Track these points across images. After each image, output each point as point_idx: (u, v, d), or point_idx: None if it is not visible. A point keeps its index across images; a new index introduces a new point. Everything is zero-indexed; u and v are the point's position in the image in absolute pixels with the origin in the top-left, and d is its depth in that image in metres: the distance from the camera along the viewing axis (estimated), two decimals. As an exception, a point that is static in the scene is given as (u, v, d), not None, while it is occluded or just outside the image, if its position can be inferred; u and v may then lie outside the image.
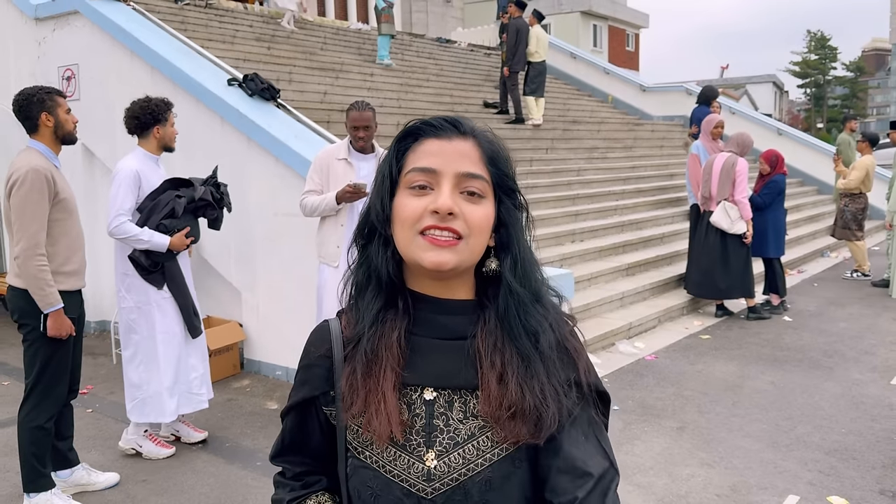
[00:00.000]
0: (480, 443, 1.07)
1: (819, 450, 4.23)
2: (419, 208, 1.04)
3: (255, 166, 5.53)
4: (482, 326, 1.09)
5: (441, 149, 1.07)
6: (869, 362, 5.85)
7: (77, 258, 3.63)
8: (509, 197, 1.11)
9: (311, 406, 1.18)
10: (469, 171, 1.06)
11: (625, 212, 9.43)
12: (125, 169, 4.04)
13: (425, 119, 1.11)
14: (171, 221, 4.08)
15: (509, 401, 1.04)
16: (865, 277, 9.22)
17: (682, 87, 15.61)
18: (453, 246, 1.03)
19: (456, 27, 20.21)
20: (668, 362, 5.89)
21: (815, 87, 62.93)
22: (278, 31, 11.48)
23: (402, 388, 1.09)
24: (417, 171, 1.06)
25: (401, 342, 1.08)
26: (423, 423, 1.08)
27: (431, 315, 1.10)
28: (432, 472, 1.06)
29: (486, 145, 1.10)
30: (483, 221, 1.06)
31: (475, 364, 1.08)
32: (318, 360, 1.16)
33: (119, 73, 6.46)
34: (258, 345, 5.75)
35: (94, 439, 4.51)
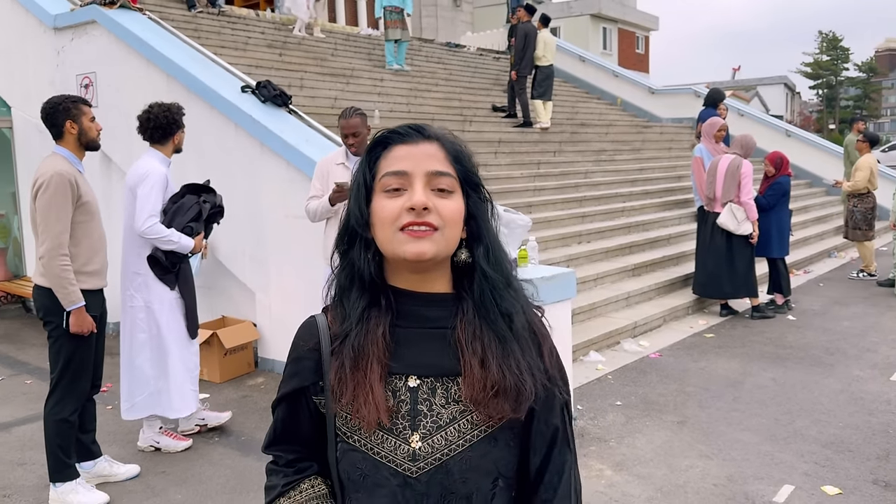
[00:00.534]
0: (461, 426, 1.18)
1: (816, 442, 4.34)
2: (396, 208, 1.14)
3: (268, 170, 5.70)
4: (461, 317, 1.20)
5: (409, 153, 1.18)
6: (870, 359, 5.95)
7: (99, 259, 3.81)
8: (475, 191, 1.22)
9: (301, 396, 1.26)
10: (437, 170, 1.17)
11: (632, 213, 9.54)
12: (157, 172, 4.17)
13: (391, 129, 1.22)
14: (197, 225, 4.28)
15: (492, 381, 1.15)
16: (871, 277, 9.28)
17: (691, 90, 15.67)
18: (430, 236, 1.13)
19: (465, 31, 20.36)
20: (672, 360, 6.01)
21: (828, 89, 62.65)
22: (290, 37, 11.67)
23: (387, 377, 1.18)
24: (391, 175, 1.16)
25: (386, 336, 1.18)
26: (408, 408, 1.18)
27: (413, 308, 1.21)
28: (417, 453, 1.17)
29: (450, 146, 1.21)
30: (455, 213, 1.16)
31: (456, 352, 1.18)
32: (308, 353, 1.25)
33: (136, 80, 6.66)
34: (272, 344, 5.91)
35: (115, 434, 4.68)
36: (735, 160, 7.14)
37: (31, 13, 7.64)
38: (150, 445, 4.43)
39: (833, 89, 62.32)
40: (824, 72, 61.61)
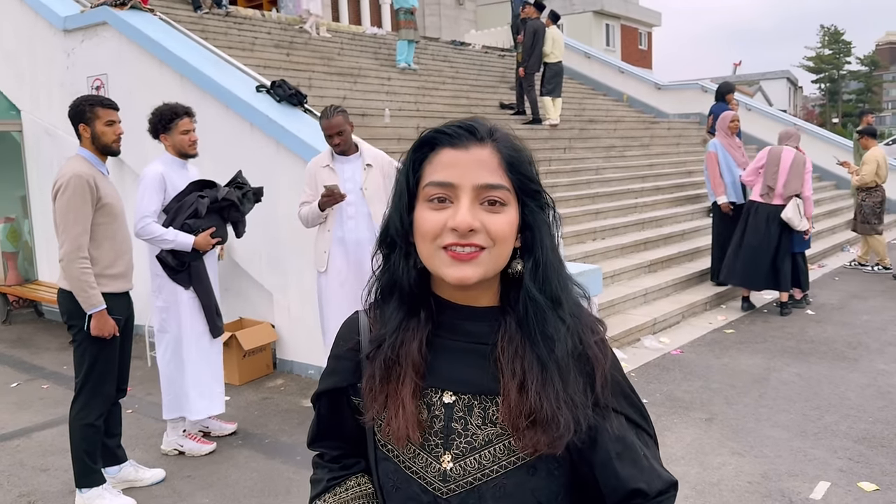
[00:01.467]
0: (497, 450, 1.08)
1: (847, 438, 4.29)
2: (439, 224, 1.03)
3: (284, 170, 5.65)
4: (503, 333, 1.09)
5: (458, 160, 1.04)
6: (893, 353, 5.89)
7: (123, 261, 3.76)
8: (533, 198, 1.09)
9: (341, 395, 1.21)
10: (488, 183, 1.03)
11: (644, 209, 9.49)
12: (150, 173, 4.19)
13: (440, 127, 1.09)
14: (196, 221, 4.21)
15: (528, 408, 1.04)
16: (887, 270, 9.23)
17: (698, 85, 15.63)
18: (475, 259, 1.03)
19: (469, 29, 20.31)
20: (694, 356, 5.95)
21: (830, 83, 62.51)
22: (297, 37, 11.63)
23: (423, 390, 1.11)
24: (435, 185, 1.04)
25: (422, 349, 1.10)
26: (442, 425, 1.10)
27: (455, 321, 1.12)
28: (448, 474, 1.09)
29: (506, 150, 1.07)
30: (505, 231, 1.04)
31: (495, 372, 1.08)
32: (347, 353, 1.19)
33: (148, 82, 6.61)
34: (290, 345, 5.87)
35: (137, 438, 4.64)
36: (800, 155, 7.07)
37: (40, 15, 7.59)
38: (174, 449, 4.38)
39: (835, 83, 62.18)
40: (826, 66, 61.46)
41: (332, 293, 4.43)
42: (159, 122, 4.29)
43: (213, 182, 4.38)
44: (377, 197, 4.33)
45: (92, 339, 3.60)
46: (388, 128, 8.80)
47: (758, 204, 7.14)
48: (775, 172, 7.03)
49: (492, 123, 1.11)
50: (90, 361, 3.64)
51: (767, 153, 7.14)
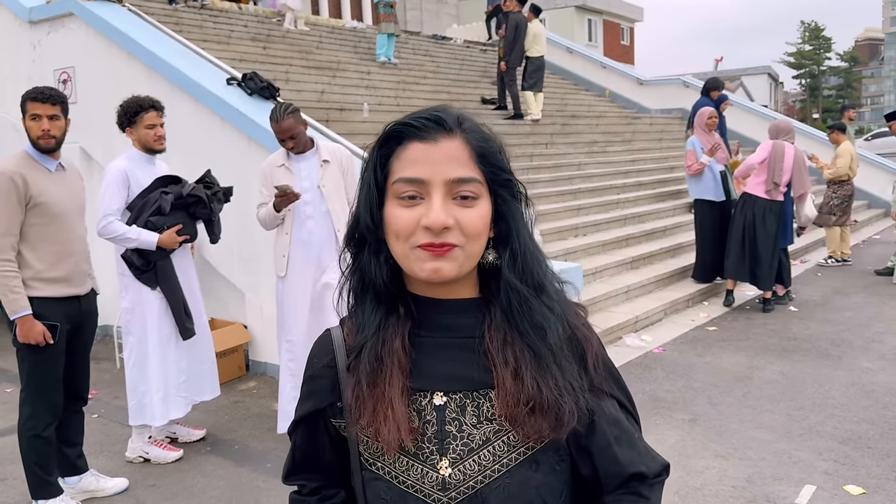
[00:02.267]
0: (496, 447, 1.03)
1: (833, 439, 4.19)
2: (411, 222, 0.99)
3: (256, 165, 5.42)
4: (489, 323, 1.05)
5: (427, 154, 1.00)
6: (877, 350, 5.82)
7: (66, 265, 3.47)
8: (506, 188, 1.05)
9: (318, 419, 1.14)
10: (460, 177, 0.99)
11: (627, 205, 9.39)
12: (112, 169, 4.01)
13: (406, 119, 1.04)
14: (159, 219, 4.02)
15: (527, 396, 1.00)
16: (843, 263, 9.34)
17: (680, 80, 15.57)
18: (450, 253, 0.99)
19: (451, 24, 20.17)
20: (677, 355, 5.85)
21: (810, 78, 63.02)
22: (274, 30, 11.42)
23: (410, 395, 1.04)
24: (404, 182, 1.00)
25: (405, 346, 1.04)
26: (435, 429, 1.04)
27: (435, 316, 1.06)
28: (447, 481, 1.03)
29: (476, 141, 1.03)
30: (479, 225, 1.00)
31: (485, 363, 1.03)
32: (322, 370, 1.12)
33: (116, 74, 6.41)
34: (263, 346, 5.70)
35: (101, 444, 4.46)
36: (799, 151, 7.00)
37: (4, 6, 7.37)
38: (139, 456, 4.21)
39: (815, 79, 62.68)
40: (807, 62, 61.96)
41: (292, 300, 4.16)
42: (124, 115, 4.10)
43: (178, 178, 4.20)
44: (336, 194, 4.09)
45: (27, 345, 3.36)
46: (367, 122, 8.63)
47: (755, 198, 7.00)
48: (781, 168, 6.89)
49: (458, 112, 1.06)
50: (28, 369, 3.41)
51: (772, 148, 6.95)
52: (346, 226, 1.09)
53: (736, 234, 7.09)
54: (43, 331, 3.34)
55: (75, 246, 3.54)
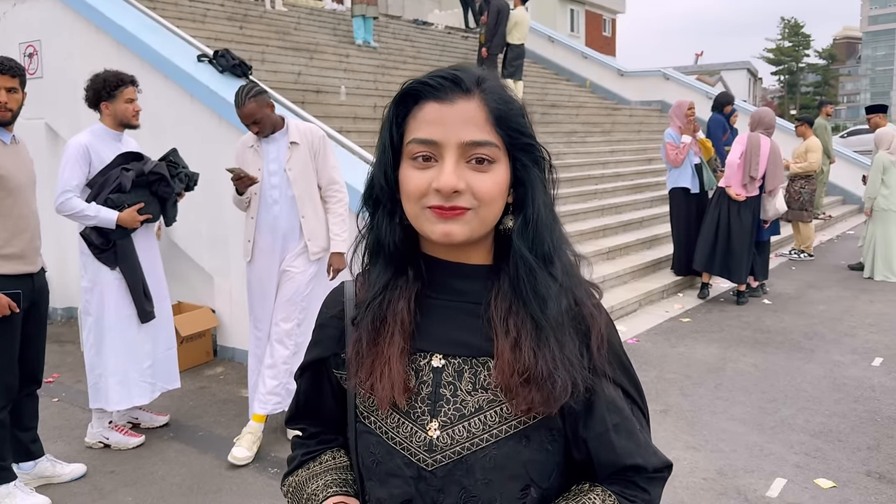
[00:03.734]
0: (488, 417, 1.02)
1: (804, 432, 4.18)
2: (423, 183, 0.97)
3: (226, 144, 5.31)
4: (496, 291, 1.03)
5: (442, 115, 0.97)
6: (849, 344, 5.83)
7: (20, 241, 3.33)
8: (525, 152, 1.02)
9: (322, 367, 1.16)
10: (474, 140, 0.97)
11: (604, 196, 9.36)
12: (73, 144, 3.87)
13: (423, 78, 1.00)
14: (119, 196, 3.88)
15: (522, 365, 0.98)
16: (810, 258, 9.41)
17: (660, 73, 15.57)
18: (462, 216, 0.97)
19: (432, 9, 19.99)
20: (650, 345, 5.82)
21: (789, 74, 63.46)
22: (251, 10, 11.21)
23: (411, 354, 1.05)
24: (418, 143, 0.98)
25: (410, 307, 1.04)
26: (430, 391, 1.04)
27: (446, 279, 1.06)
28: (434, 443, 1.02)
29: (494, 103, 0.99)
30: (493, 190, 0.98)
31: (488, 332, 1.02)
32: (330, 320, 1.14)
33: (83, 49, 6.21)
34: (231, 331, 5.58)
35: (60, 429, 4.33)
36: (776, 144, 6.96)
37: (-31, -24, 7.11)
38: (99, 441, 4.09)
39: (794, 75, 63.15)
40: (786, 58, 62.36)
41: (259, 285, 4.03)
42: (103, 88, 3.94)
43: (141, 154, 4.06)
44: (302, 178, 3.92)
45: None
46: (344, 105, 8.49)
47: (723, 194, 6.97)
48: (757, 162, 6.84)
49: (479, 72, 1.02)
50: None
51: (748, 141, 6.89)
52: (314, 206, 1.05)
53: (709, 226, 7.05)
54: (7, 301, 3.21)
55: (30, 221, 3.39)
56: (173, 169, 4.18)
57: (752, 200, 6.92)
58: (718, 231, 6.98)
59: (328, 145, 4.05)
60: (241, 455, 3.83)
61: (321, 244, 3.98)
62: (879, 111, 8.91)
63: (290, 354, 3.95)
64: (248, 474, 3.73)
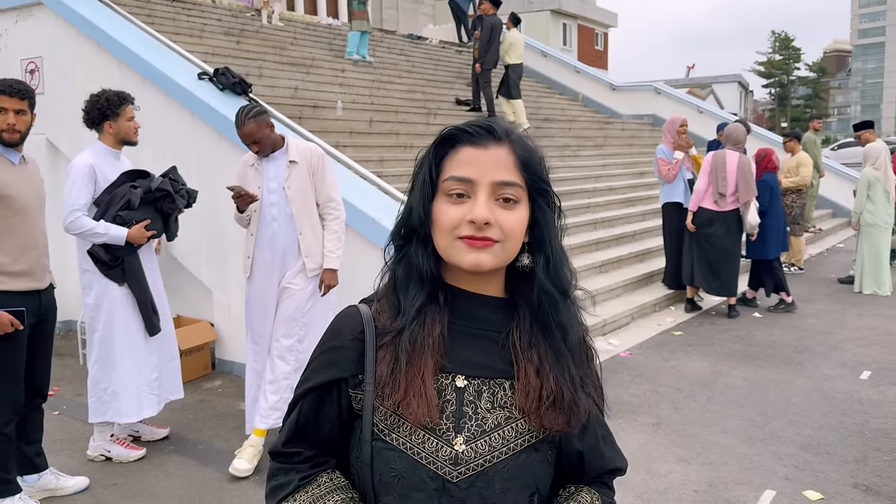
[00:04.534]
0: (506, 432, 1.13)
1: (793, 444, 4.27)
2: (457, 217, 1.10)
3: (227, 161, 5.41)
4: (518, 323, 1.16)
5: (476, 158, 1.11)
6: (838, 358, 5.93)
7: (27, 258, 3.40)
8: (542, 197, 1.16)
9: (334, 388, 1.18)
10: (504, 180, 1.10)
11: (597, 210, 9.47)
12: (79, 164, 3.95)
13: (461, 126, 1.14)
14: (128, 213, 3.96)
15: (548, 391, 1.12)
16: (801, 271, 9.55)
17: (651, 87, 15.73)
18: (490, 247, 1.10)
19: (427, 24, 20.16)
20: (643, 359, 5.91)
21: (780, 87, 63.98)
22: (248, 25, 11.32)
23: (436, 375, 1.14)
24: (454, 181, 1.11)
25: (444, 333, 1.14)
26: (454, 409, 1.13)
27: (469, 308, 1.17)
28: (460, 457, 1.11)
29: (521, 151, 1.14)
30: (517, 226, 1.12)
31: (507, 357, 1.15)
32: (351, 342, 1.17)
33: (85, 66, 6.30)
34: (230, 344, 5.65)
35: (62, 442, 4.39)
36: (745, 158, 7.08)
37: (-30, -7, 7.19)
38: (101, 454, 4.15)
39: (785, 88, 63.66)
40: (777, 71, 62.87)
41: (257, 302, 4.10)
42: (108, 107, 4.03)
43: (146, 172, 4.14)
44: (300, 196, 3.99)
45: None
46: (341, 120, 8.60)
47: (708, 211, 7.10)
48: (724, 178, 7.02)
49: (507, 124, 1.18)
50: None
51: (712, 159, 7.10)
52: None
53: (688, 243, 7.25)
54: (10, 319, 3.27)
55: (38, 240, 3.47)
56: (175, 185, 4.27)
57: (728, 215, 7.07)
58: (698, 248, 7.15)
59: (327, 164, 4.13)
60: (243, 467, 3.89)
61: (318, 261, 4.06)
62: (867, 127, 9.06)
63: (292, 370, 4.02)
64: (249, 487, 3.79)
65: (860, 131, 9.03)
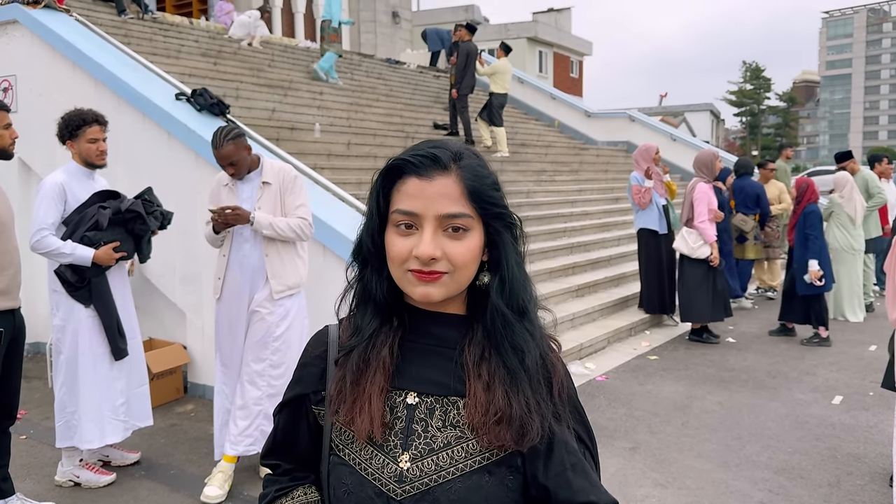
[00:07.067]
0: (455, 452, 1.11)
1: (768, 469, 4.29)
2: (405, 250, 1.09)
3: (204, 183, 5.36)
4: (470, 338, 1.14)
5: (421, 190, 1.09)
6: (810, 382, 6.00)
7: (3, 277, 3.37)
8: (498, 219, 1.13)
9: (302, 404, 1.23)
10: (450, 212, 1.08)
11: (573, 234, 9.53)
12: (49, 182, 3.90)
13: (405, 156, 1.11)
14: (96, 234, 3.91)
15: (496, 407, 1.09)
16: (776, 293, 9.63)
17: (625, 114, 15.93)
18: (438, 280, 1.09)
19: (405, 48, 20.29)
20: (619, 383, 5.93)
21: (751, 116, 65.23)
22: (225, 46, 11.32)
23: (387, 392, 1.14)
24: (401, 213, 1.10)
25: (392, 352, 1.14)
26: (403, 426, 1.13)
27: (427, 325, 1.17)
28: (404, 474, 1.10)
29: (468, 178, 1.10)
30: (466, 256, 1.09)
31: (461, 375, 1.13)
32: (314, 360, 1.23)
33: (60, 85, 6.25)
34: (203, 368, 5.57)
35: (29, 467, 4.28)
36: (692, 183, 7.19)
37: (-56, 10, 7.12)
38: (70, 480, 4.05)
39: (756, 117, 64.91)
40: (748, 100, 64.14)
41: (226, 323, 4.06)
42: (66, 128, 4.00)
43: (117, 193, 4.09)
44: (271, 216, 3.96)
45: None
46: (318, 143, 8.60)
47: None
48: (683, 206, 7.32)
49: (458, 148, 1.14)
50: None
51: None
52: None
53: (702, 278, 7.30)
54: None
55: (13, 258, 3.43)
56: (148, 207, 4.22)
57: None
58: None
59: (299, 184, 4.08)
60: (214, 494, 3.82)
61: (285, 282, 3.99)
62: (849, 157, 9.21)
63: (263, 395, 3.96)
64: (221, 513, 3.72)
65: (843, 162, 9.18)
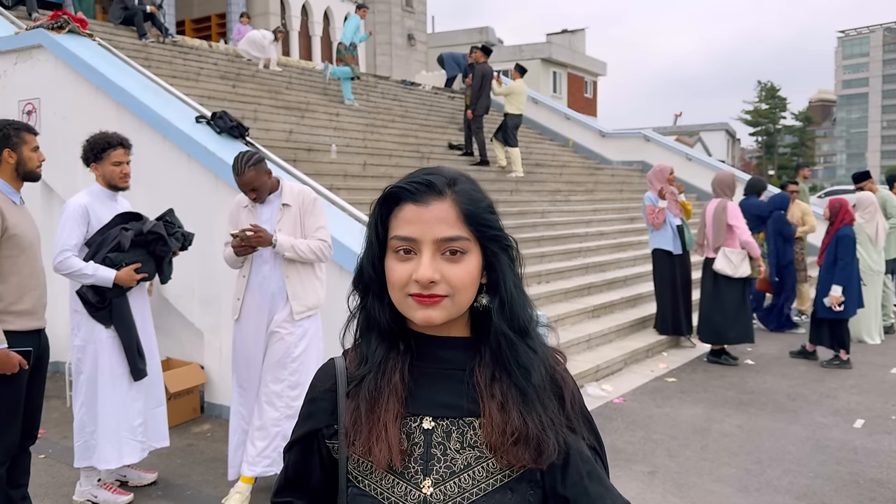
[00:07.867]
0: (476, 472, 1.12)
1: (789, 494, 4.24)
2: (405, 275, 1.10)
3: (223, 204, 5.41)
4: (479, 360, 1.16)
5: (418, 216, 1.11)
6: (831, 406, 5.93)
7: (31, 297, 3.42)
8: (494, 242, 1.15)
9: (314, 440, 1.22)
10: (447, 236, 1.10)
11: (588, 254, 9.52)
12: (72, 204, 3.97)
13: (401, 183, 1.15)
14: (118, 255, 3.95)
15: (512, 427, 1.10)
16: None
17: (640, 134, 15.95)
18: (439, 303, 1.10)
19: (420, 70, 20.46)
20: (637, 405, 5.89)
21: (766, 136, 64.99)
22: (244, 69, 11.47)
23: (402, 418, 1.14)
24: (399, 239, 1.12)
25: (403, 377, 1.15)
26: (422, 451, 1.13)
27: (432, 350, 1.18)
28: (428, 500, 1.11)
29: (464, 202, 1.13)
30: (465, 279, 1.11)
31: (473, 395, 1.14)
32: (324, 394, 1.22)
33: (83, 108, 6.35)
34: (220, 388, 5.59)
35: (48, 486, 4.30)
36: (720, 203, 7.16)
37: (-30, 35, 7.27)
38: (87, 500, 4.07)
39: (771, 137, 64.67)
40: (763, 120, 63.94)
41: (243, 345, 4.08)
42: (91, 150, 4.07)
43: (139, 214, 4.15)
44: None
45: None
46: (335, 164, 8.67)
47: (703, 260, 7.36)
48: (702, 228, 7.27)
49: (452, 174, 1.16)
50: None
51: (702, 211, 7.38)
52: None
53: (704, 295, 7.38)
54: (19, 359, 3.26)
55: (39, 278, 3.49)
56: (170, 228, 4.26)
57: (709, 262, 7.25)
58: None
59: (319, 206, 4.12)
60: (231, 515, 3.82)
61: (305, 303, 4.02)
62: (867, 178, 9.15)
63: (281, 416, 3.97)
64: (238, 535, 3.72)
65: (861, 182, 9.11)
